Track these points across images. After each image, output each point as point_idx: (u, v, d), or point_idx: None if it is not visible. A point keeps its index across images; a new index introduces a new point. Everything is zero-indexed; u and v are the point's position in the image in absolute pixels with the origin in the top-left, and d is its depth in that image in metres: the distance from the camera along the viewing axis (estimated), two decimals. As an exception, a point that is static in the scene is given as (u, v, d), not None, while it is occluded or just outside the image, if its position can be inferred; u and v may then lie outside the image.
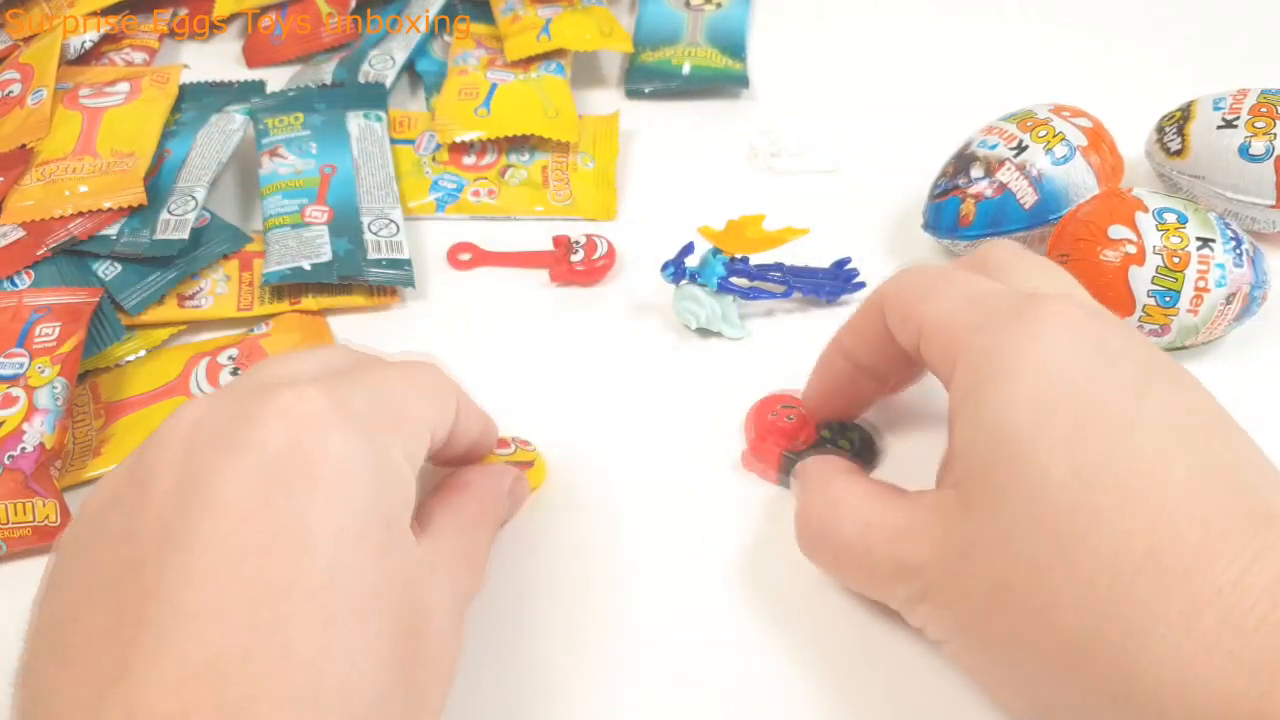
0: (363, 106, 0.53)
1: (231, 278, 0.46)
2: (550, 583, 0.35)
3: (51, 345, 0.40)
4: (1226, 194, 0.45)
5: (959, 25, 0.63)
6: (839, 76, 0.59)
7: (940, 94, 0.57)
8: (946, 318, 0.29)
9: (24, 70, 0.53)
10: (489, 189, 0.51)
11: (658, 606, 0.35)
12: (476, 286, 0.47)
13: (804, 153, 0.53)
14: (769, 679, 0.32)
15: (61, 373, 0.39)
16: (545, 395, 0.42)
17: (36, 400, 0.38)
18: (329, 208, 0.48)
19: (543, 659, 0.33)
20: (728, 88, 0.58)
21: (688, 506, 0.38)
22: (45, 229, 0.46)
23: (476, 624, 0.33)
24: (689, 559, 0.36)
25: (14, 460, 0.37)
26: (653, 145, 0.55)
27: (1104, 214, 0.40)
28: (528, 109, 0.53)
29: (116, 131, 0.50)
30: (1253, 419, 0.40)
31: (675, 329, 0.44)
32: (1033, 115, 0.45)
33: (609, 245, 0.47)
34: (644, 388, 0.42)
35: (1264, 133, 0.44)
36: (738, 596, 0.35)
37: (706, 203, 0.50)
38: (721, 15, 0.62)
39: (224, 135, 0.51)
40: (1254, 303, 0.40)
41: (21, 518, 0.36)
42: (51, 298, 0.42)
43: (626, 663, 0.33)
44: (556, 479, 0.39)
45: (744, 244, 0.44)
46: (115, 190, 0.46)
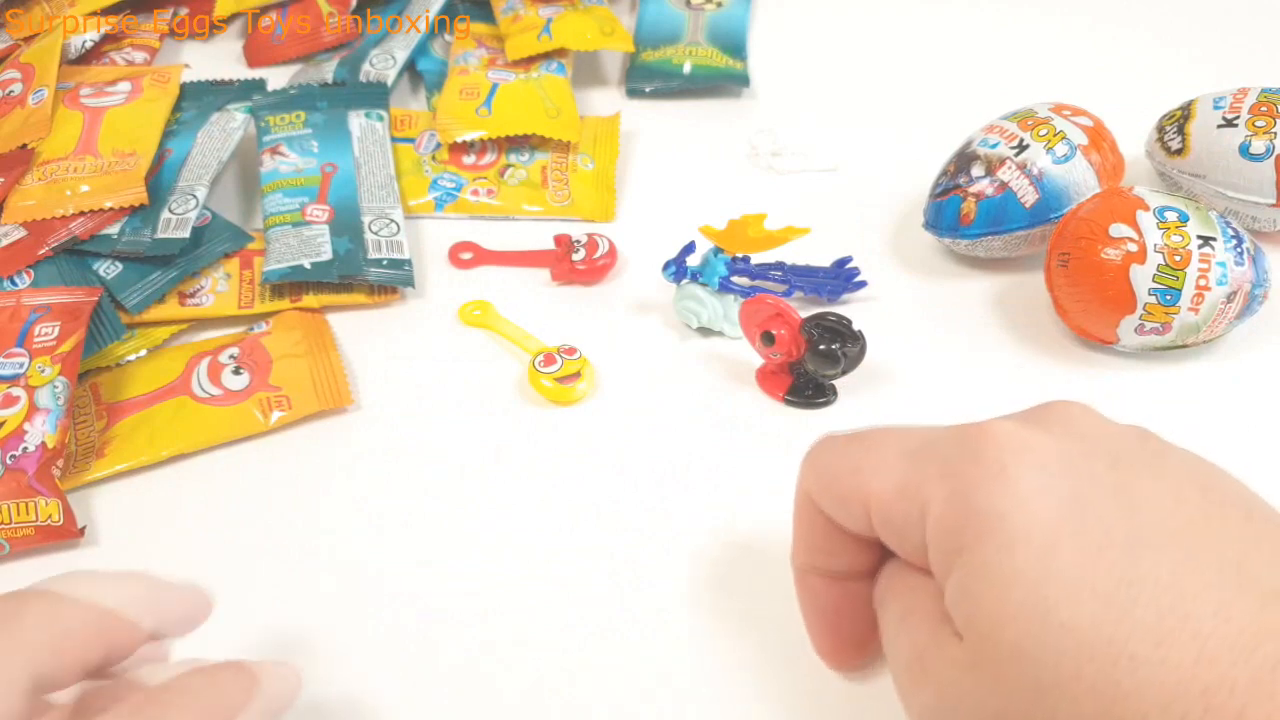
0: (364, 106, 0.53)
1: (232, 276, 0.46)
2: (550, 582, 0.35)
3: (51, 344, 0.40)
4: (1227, 193, 0.45)
5: (960, 24, 0.63)
6: (840, 75, 0.59)
7: (941, 93, 0.57)
8: (893, 488, 0.26)
9: (25, 70, 0.53)
10: (488, 188, 0.51)
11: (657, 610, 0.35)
12: (477, 285, 0.47)
13: (805, 152, 0.53)
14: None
15: (62, 372, 0.39)
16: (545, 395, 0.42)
17: (37, 400, 0.38)
18: (330, 207, 0.48)
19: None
20: (728, 87, 0.58)
21: (688, 506, 0.38)
22: (47, 228, 0.46)
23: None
24: (691, 555, 0.36)
25: (16, 460, 0.37)
26: (653, 144, 0.55)
27: (1105, 213, 0.40)
28: (529, 108, 0.53)
29: (117, 131, 0.50)
30: (1253, 418, 0.41)
31: (676, 328, 0.44)
32: (1033, 114, 0.45)
33: (610, 244, 0.47)
34: (644, 387, 0.42)
35: (1264, 132, 0.44)
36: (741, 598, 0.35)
37: (707, 202, 0.50)
38: (722, 14, 0.62)
39: (225, 134, 0.51)
40: (1255, 301, 0.40)
41: (24, 517, 0.36)
42: (50, 297, 0.42)
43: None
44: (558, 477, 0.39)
45: (745, 243, 0.44)
46: (116, 190, 0.46)
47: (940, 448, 0.26)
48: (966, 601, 0.24)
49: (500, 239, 0.49)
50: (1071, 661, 0.22)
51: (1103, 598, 0.22)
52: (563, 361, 0.41)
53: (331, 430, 0.41)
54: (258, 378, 0.41)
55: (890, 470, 0.27)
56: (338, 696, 0.33)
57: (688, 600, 0.35)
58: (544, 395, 0.41)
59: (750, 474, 0.39)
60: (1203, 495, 0.24)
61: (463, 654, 0.34)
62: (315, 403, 0.41)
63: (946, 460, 0.26)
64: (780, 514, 0.37)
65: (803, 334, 0.39)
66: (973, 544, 0.24)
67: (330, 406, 0.41)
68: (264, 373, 0.42)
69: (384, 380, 0.43)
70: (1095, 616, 0.22)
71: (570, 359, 0.41)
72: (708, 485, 0.38)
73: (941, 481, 0.25)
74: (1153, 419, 0.29)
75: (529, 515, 0.38)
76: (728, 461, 0.39)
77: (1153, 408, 0.40)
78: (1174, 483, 0.25)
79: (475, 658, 0.34)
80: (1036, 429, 0.25)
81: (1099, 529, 0.23)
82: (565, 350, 0.41)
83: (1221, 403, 0.41)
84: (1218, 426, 0.40)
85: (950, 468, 0.25)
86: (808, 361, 0.40)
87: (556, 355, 0.41)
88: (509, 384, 0.42)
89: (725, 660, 0.33)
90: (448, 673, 0.33)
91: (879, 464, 0.27)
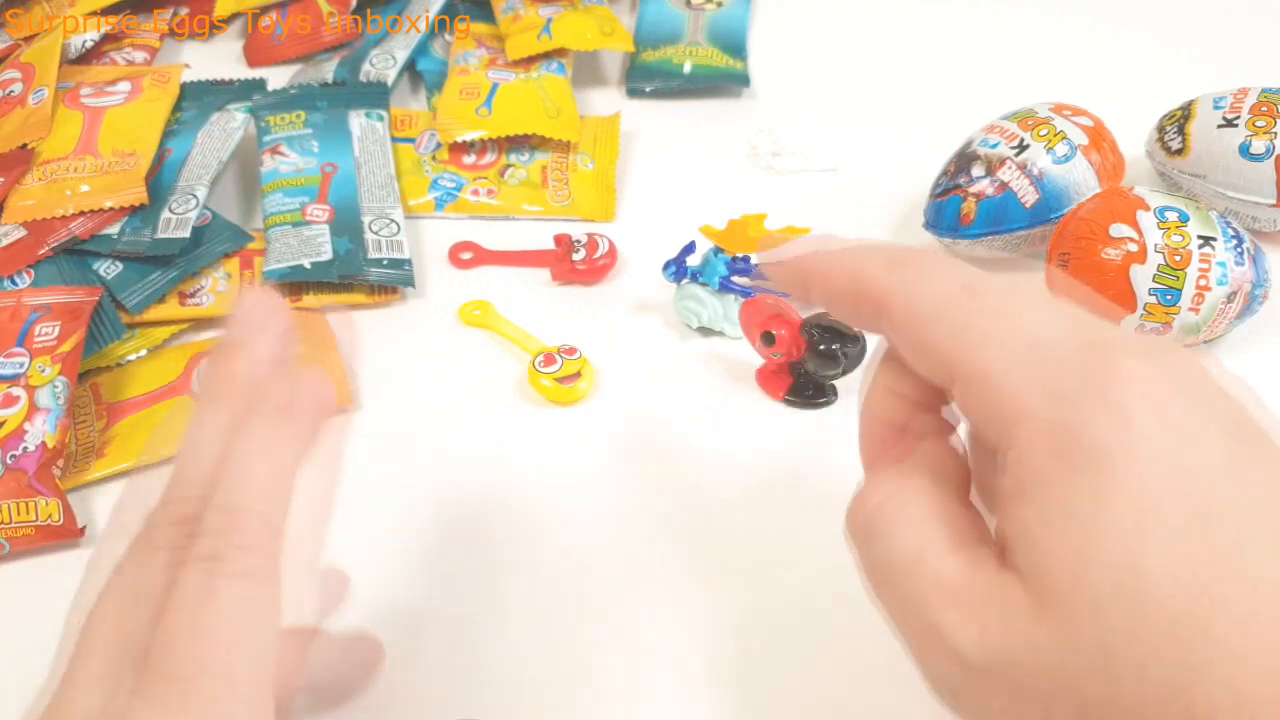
0: (364, 106, 0.53)
1: (232, 276, 0.46)
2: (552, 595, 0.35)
3: (52, 344, 0.40)
4: (1227, 193, 0.45)
5: (960, 24, 0.63)
6: (840, 75, 0.59)
7: (941, 93, 0.57)
8: (998, 373, 0.24)
9: (25, 70, 0.53)
10: (488, 188, 0.51)
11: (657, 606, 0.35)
12: (477, 285, 0.47)
13: (805, 152, 0.53)
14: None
15: (62, 372, 0.39)
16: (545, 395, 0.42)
17: (37, 400, 0.38)
18: (330, 206, 0.48)
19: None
20: (729, 87, 0.58)
21: (688, 506, 0.38)
22: (47, 228, 0.46)
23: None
24: (691, 555, 0.36)
25: (16, 460, 0.37)
26: (654, 144, 0.55)
27: (1105, 212, 0.40)
28: (529, 108, 0.53)
29: (118, 131, 0.50)
30: (1254, 417, 0.40)
31: (676, 328, 0.44)
32: (1034, 114, 0.45)
33: (610, 244, 0.47)
34: (644, 387, 0.42)
35: (1264, 132, 0.44)
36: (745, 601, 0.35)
37: (707, 202, 0.50)
38: (722, 14, 0.62)
39: (225, 134, 0.51)
40: (1255, 301, 0.40)
41: (25, 517, 0.36)
42: (50, 297, 0.42)
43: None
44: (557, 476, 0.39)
45: (745, 243, 0.44)
46: (116, 189, 0.46)
47: (1063, 357, 0.24)
48: (1046, 536, 0.22)
49: (500, 239, 0.49)
50: (1149, 632, 0.21)
51: (1195, 573, 0.21)
52: (563, 361, 0.41)
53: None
54: (258, 378, 0.41)
55: (1002, 360, 0.24)
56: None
57: (688, 600, 0.35)
58: (544, 395, 0.41)
59: (750, 474, 0.39)
60: None
61: (460, 652, 0.34)
62: (315, 403, 0.41)
63: (1065, 378, 0.23)
64: (781, 514, 0.37)
65: (803, 334, 0.39)
66: (1066, 480, 0.22)
67: (330, 406, 0.41)
68: (264, 373, 0.42)
69: (384, 380, 0.43)
70: (1183, 591, 0.21)
71: (570, 359, 0.41)
72: (708, 485, 0.38)
73: (1051, 401, 0.23)
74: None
75: (529, 515, 0.38)
76: (728, 461, 0.39)
77: (1153, 408, 0.40)
78: (1276, 462, 0.23)
79: (472, 655, 0.34)
80: (1165, 379, 0.23)
81: (1205, 501, 0.22)
82: (565, 350, 0.41)
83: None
84: (1218, 426, 0.40)
85: (1067, 389, 0.23)
86: (808, 361, 0.40)
87: (556, 355, 0.41)
88: (509, 384, 0.42)
89: (725, 660, 0.33)
90: (445, 671, 0.33)
91: (991, 344, 0.24)
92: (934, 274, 0.26)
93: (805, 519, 0.37)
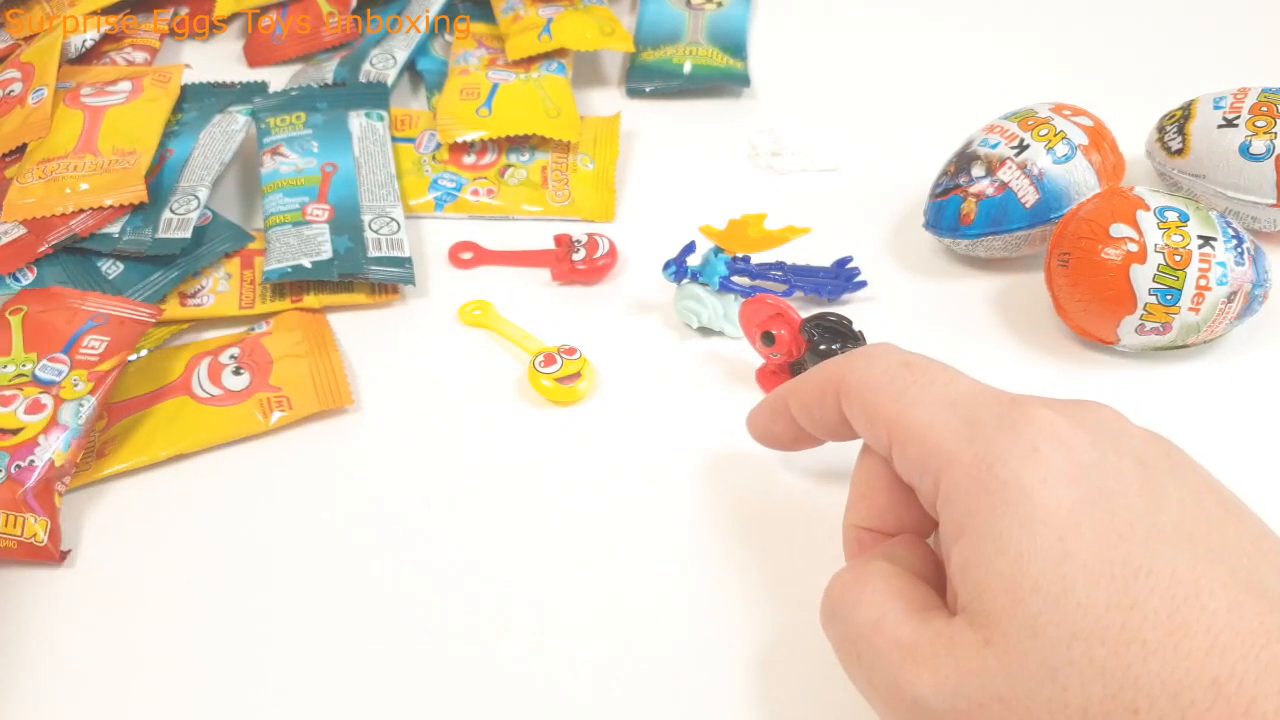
0: (364, 106, 0.53)
1: (233, 276, 0.46)
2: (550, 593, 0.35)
3: (94, 360, 0.39)
4: (1227, 193, 0.45)
5: (960, 24, 0.63)
6: (840, 75, 0.59)
7: (941, 93, 0.57)
8: (925, 428, 0.27)
9: (25, 69, 0.53)
10: (488, 188, 0.51)
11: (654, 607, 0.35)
12: (478, 285, 0.47)
13: (805, 152, 0.53)
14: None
15: (93, 391, 0.39)
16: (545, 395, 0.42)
17: (61, 415, 0.38)
18: (330, 206, 0.48)
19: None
20: (729, 87, 0.58)
21: (688, 506, 0.38)
22: (47, 226, 0.46)
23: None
24: (691, 555, 0.36)
25: (19, 470, 0.36)
26: (654, 144, 0.55)
27: (1105, 212, 0.40)
28: (529, 109, 0.53)
29: (118, 130, 0.50)
30: (1253, 418, 0.41)
31: (677, 328, 0.44)
32: (1034, 114, 0.45)
33: (610, 244, 0.47)
34: (644, 387, 0.42)
35: (1264, 131, 0.44)
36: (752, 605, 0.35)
37: (708, 202, 0.50)
38: (722, 14, 0.62)
39: (226, 135, 0.51)
40: (1255, 301, 0.40)
41: (10, 530, 0.36)
42: (112, 307, 0.42)
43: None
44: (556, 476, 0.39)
45: (745, 243, 0.44)
46: (117, 188, 0.46)
47: (981, 410, 0.27)
48: (979, 569, 0.24)
49: (500, 239, 0.49)
50: (1084, 643, 0.22)
51: (1119, 583, 0.23)
52: (563, 361, 0.41)
53: (332, 431, 0.41)
54: (258, 378, 0.41)
55: (929, 417, 0.27)
56: (339, 695, 0.33)
57: (688, 600, 0.35)
58: (544, 395, 0.41)
59: (750, 474, 0.39)
60: (1222, 507, 0.25)
61: (462, 652, 0.34)
62: (315, 403, 0.41)
63: (982, 425, 0.26)
64: (780, 513, 0.37)
65: (803, 334, 0.39)
66: (990, 514, 0.25)
67: (330, 407, 0.41)
68: (264, 373, 0.42)
69: (384, 380, 0.43)
70: (1111, 600, 0.22)
71: (570, 359, 0.41)
72: (708, 485, 0.38)
73: (971, 444, 0.26)
74: (1153, 419, 0.29)
75: (529, 515, 0.38)
76: (728, 462, 0.39)
77: (1153, 408, 0.40)
78: (1195, 491, 0.25)
79: (475, 656, 0.34)
80: (1073, 422, 0.26)
81: (1121, 519, 0.24)
82: (565, 350, 0.41)
83: (1222, 403, 0.41)
84: (1218, 426, 0.40)
85: (984, 433, 0.26)
86: (808, 361, 0.40)
87: (556, 355, 0.41)
88: (509, 384, 0.42)
89: (725, 660, 0.33)
90: (446, 671, 0.33)
91: (921, 404, 0.27)
92: (880, 355, 0.29)
93: (805, 519, 0.37)
